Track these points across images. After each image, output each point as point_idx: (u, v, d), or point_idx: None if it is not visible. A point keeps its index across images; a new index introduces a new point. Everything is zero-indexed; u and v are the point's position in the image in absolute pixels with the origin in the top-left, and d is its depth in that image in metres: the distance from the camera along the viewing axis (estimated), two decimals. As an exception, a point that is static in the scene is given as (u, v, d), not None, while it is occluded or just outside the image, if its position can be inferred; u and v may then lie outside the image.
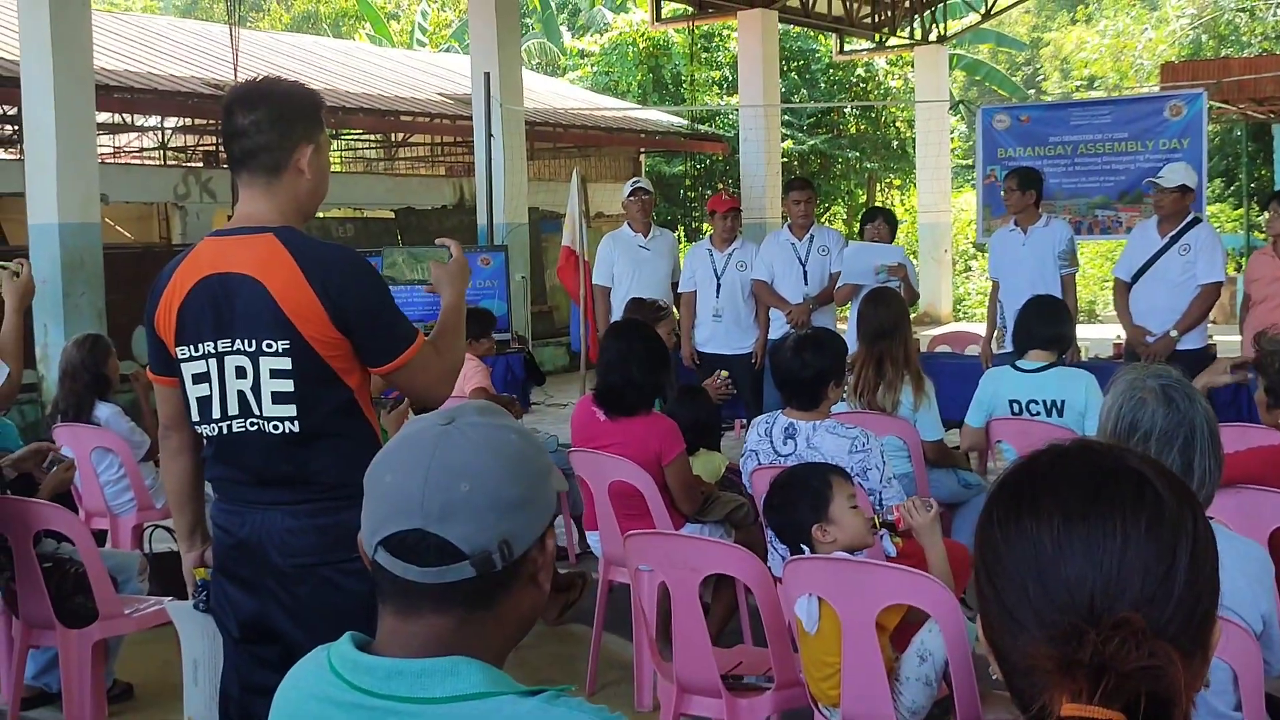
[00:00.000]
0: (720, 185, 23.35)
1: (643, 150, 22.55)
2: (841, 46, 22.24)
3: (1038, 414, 5.67)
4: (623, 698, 5.00)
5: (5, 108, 14.35)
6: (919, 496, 3.95)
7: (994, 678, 1.31)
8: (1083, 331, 8.43)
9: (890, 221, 8.82)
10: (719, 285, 8.57)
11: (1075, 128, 11.79)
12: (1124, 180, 11.52)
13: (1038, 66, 37.13)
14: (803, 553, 3.64)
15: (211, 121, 16.53)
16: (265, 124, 2.94)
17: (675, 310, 8.78)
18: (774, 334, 8.42)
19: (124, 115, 16.23)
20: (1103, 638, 1.13)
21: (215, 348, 2.93)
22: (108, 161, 16.43)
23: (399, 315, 2.99)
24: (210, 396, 2.96)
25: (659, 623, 4.55)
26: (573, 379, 13.30)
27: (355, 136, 19.80)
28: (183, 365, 3.00)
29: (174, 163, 18.40)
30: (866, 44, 22.34)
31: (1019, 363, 5.79)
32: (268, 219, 2.95)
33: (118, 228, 16.55)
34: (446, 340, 3.14)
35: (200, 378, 2.97)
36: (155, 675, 5.39)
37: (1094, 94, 28.12)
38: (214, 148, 18.66)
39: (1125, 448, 1.31)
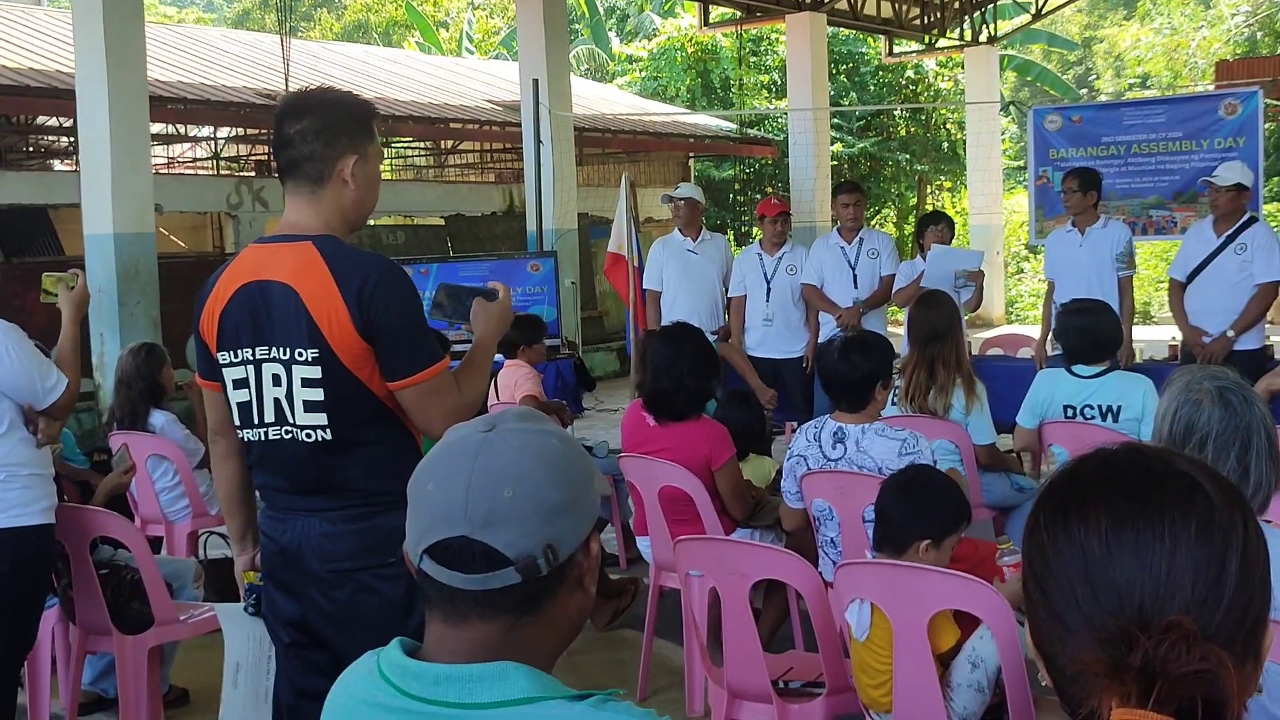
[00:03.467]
0: (769, 189, 23.30)
1: (692, 155, 22.55)
2: (891, 48, 22.14)
3: (1092, 418, 5.60)
4: (674, 703, 5.00)
5: (61, 119, 14.54)
6: None
7: (1043, 684, 1.30)
8: (1137, 333, 8.34)
9: (950, 225, 8.77)
10: (769, 289, 8.54)
11: (1128, 127, 11.68)
12: (1178, 180, 11.40)
13: (1090, 66, 36.82)
14: (880, 551, 3.62)
15: (263, 131, 16.67)
16: (310, 134, 2.95)
17: (725, 315, 8.78)
18: (823, 338, 8.38)
19: (177, 126, 16.42)
20: (1153, 642, 1.12)
21: (253, 354, 2.96)
22: (161, 172, 16.62)
23: (426, 334, 2.97)
24: (250, 403, 2.99)
25: (709, 628, 4.54)
26: (623, 384, 13.31)
27: (405, 144, 19.92)
28: (224, 371, 3.03)
29: (227, 172, 18.59)
30: (916, 46, 22.23)
31: (1075, 367, 5.71)
32: (310, 227, 2.97)
33: (172, 237, 16.72)
34: (469, 377, 3.09)
35: (240, 383, 3.00)
36: (210, 681, 5.41)
37: (1147, 93, 27.84)
38: (266, 157, 18.82)
39: (1174, 451, 1.30)
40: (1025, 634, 3.25)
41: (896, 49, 22.29)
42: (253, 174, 18.21)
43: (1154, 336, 11.34)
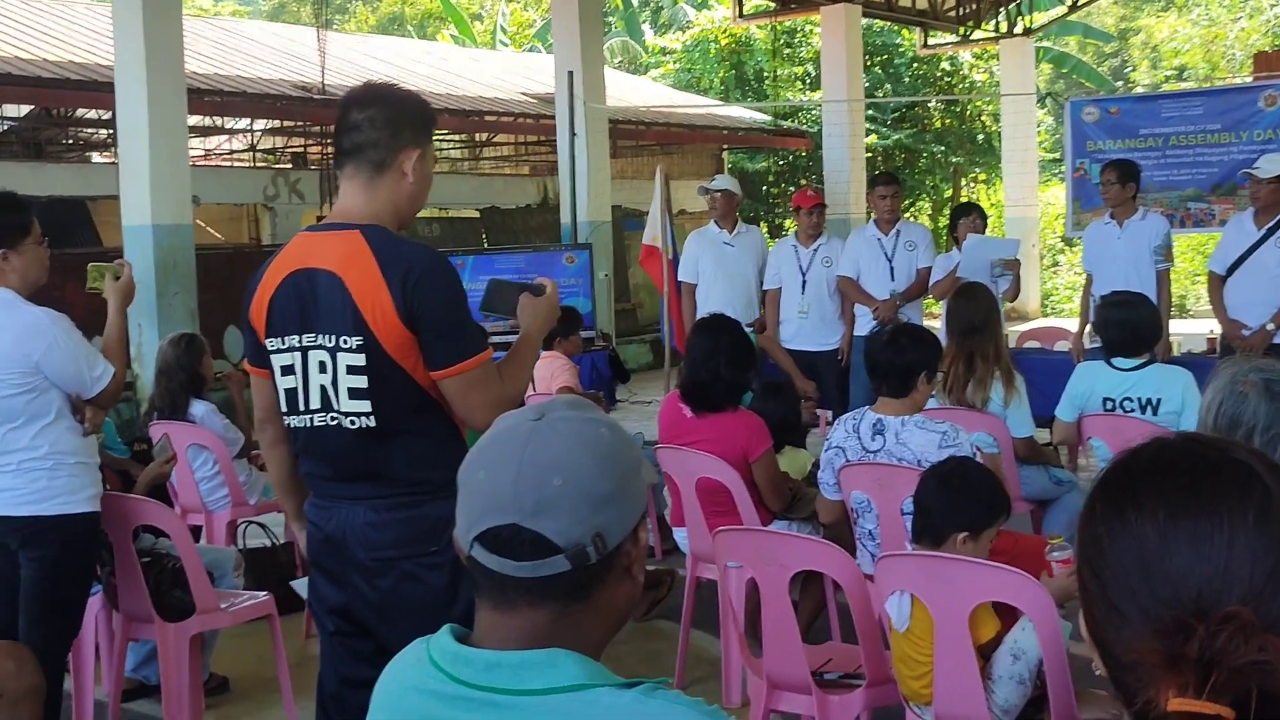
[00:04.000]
0: (803, 181, 23.24)
1: (725, 147, 22.51)
2: (926, 40, 22.03)
3: (1132, 411, 5.57)
4: (710, 694, 5.00)
5: (100, 112, 14.64)
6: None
7: (1096, 673, 1.30)
8: (1174, 326, 8.29)
9: (983, 217, 8.72)
10: (804, 282, 8.53)
11: (1166, 119, 11.60)
12: (1216, 172, 11.31)
13: (1126, 58, 36.53)
14: (918, 542, 3.62)
15: (300, 124, 16.77)
16: (379, 122, 3.00)
17: (761, 307, 8.77)
18: (859, 330, 8.36)
19: (214, 118, 16.50)
20: (1210, 632, 1.11)
21: (300, 341, 2.98)
22: (198, 164, 16.71)
23: (470, 325, 2.99)
24: (296, 389, 3.02)
25: (746, 619, 4.55)
26: (657, 376, 13.30)
27: (440, 137, 19.96)
28: (272, 357, 3.06)
29: (263, 164, 18.67)
30: (951, 37, 22.11)
31: (1115, 360, 5.68)
32: (360, 216, 2.99)
33: (209, 229, 16.82)
34: (513, 369, 3.11)
35: (287, 370, 3.03)
36: (250, 669, 5.48)
37: (1184, 85, 27.62)
38: (302, 150, 18.92)
39: (1231, 440, 1.29)
40: (1067, 626, 3.25)
41: (931, 41, 22.18)
42: (289, 166, 18.30)
43: (1190, 330, 11.27)
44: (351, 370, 2.92)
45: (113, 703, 4.79)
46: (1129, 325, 5.65)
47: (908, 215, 22.49)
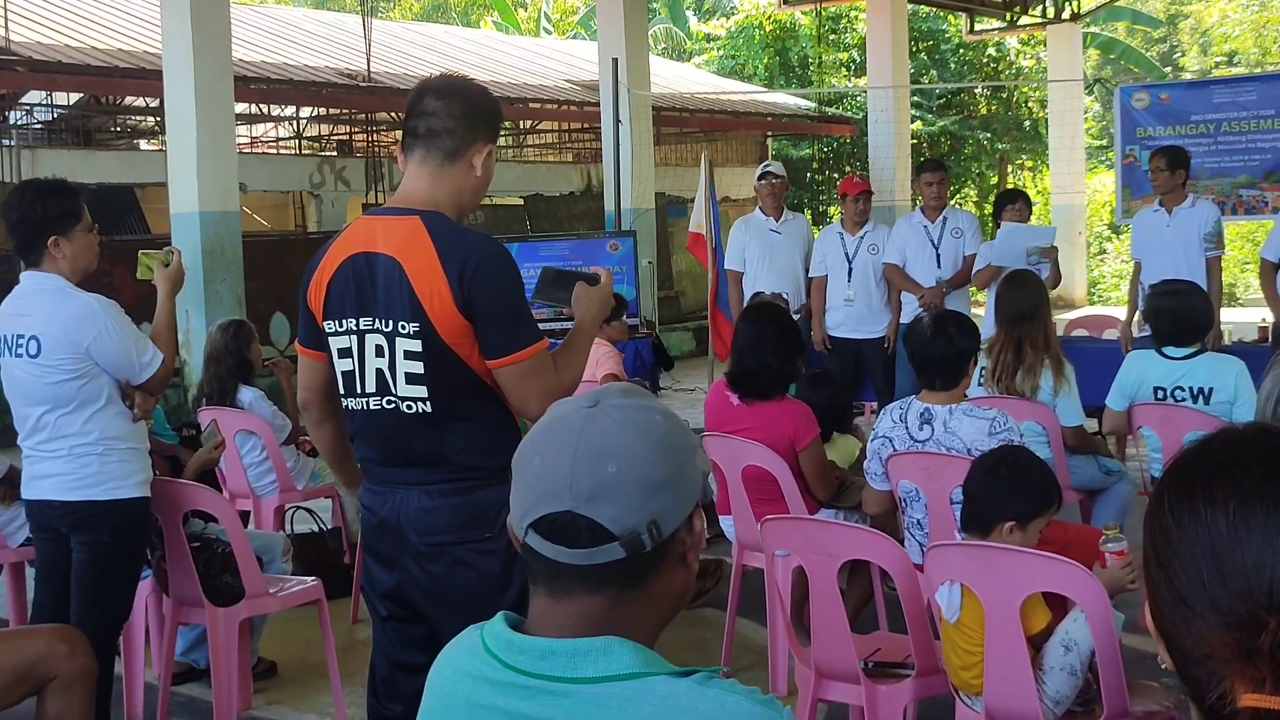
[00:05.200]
0: (849, 168, 23.15)
1: (770, 134, 22.47)
2: (972, 26, 21.86)
3: (1183, 400, 5.50)
4: (757, 682, 4.97)
5: (148, 100, 14.75)
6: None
7: (1162, 667, 1.27)
8: (1225, 315, 8.19)
9: (1028, 204, 8.64)
10: (850, 269, 8.49)
11: (1218, 105, 11.47)
12: (1270, 159, 11.17)
13: (1175, 43, 36.14)
14: (966, 531, 3.60)
15: (345, 111, 16.84)
16: (457, 112, 3.02)
17: (807, 294, 8.73)
18: (905, 318, 8.31)
19: (260, 105, 16.60)
20: (1282, 626, 1.09)
21: (358, 325, 2.99)
22: (245, 151, 16.81)
23: (526, 314, 2.99)
24: (353, 372, 3.03)
25: (793, 608, 4.54)
26: (700, 363, 13.30)
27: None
28: (330, 339, 3.07)
29: (309, 152, 18.77)
30: (997, 23, 21.94)
31: (1166, 349, 5.61)
32: (422, 202, 3.00)
33: (255, 216, 16.93)
34: (568, 359, 3.11)
35: (344, 353, 3.04)
36: (298, 654, 5.52)
37: (1234, 70, 27.29)
38: (347, 137, 19.00)
39: (1304, 430, 1.27)
40: (1120, 617, 3.22)
41: (978, 26, 22.00)
42: (335, 154, 18.38)
43: (1240, 319, 11.14)
44: (409, 355, 2.93)
45: (163, 686, 4.82)
46: (1180, 314, 5.59)
47: (954, 202, 22.34)
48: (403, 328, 2.91)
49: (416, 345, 2.91)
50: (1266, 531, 1.15)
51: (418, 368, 2.92)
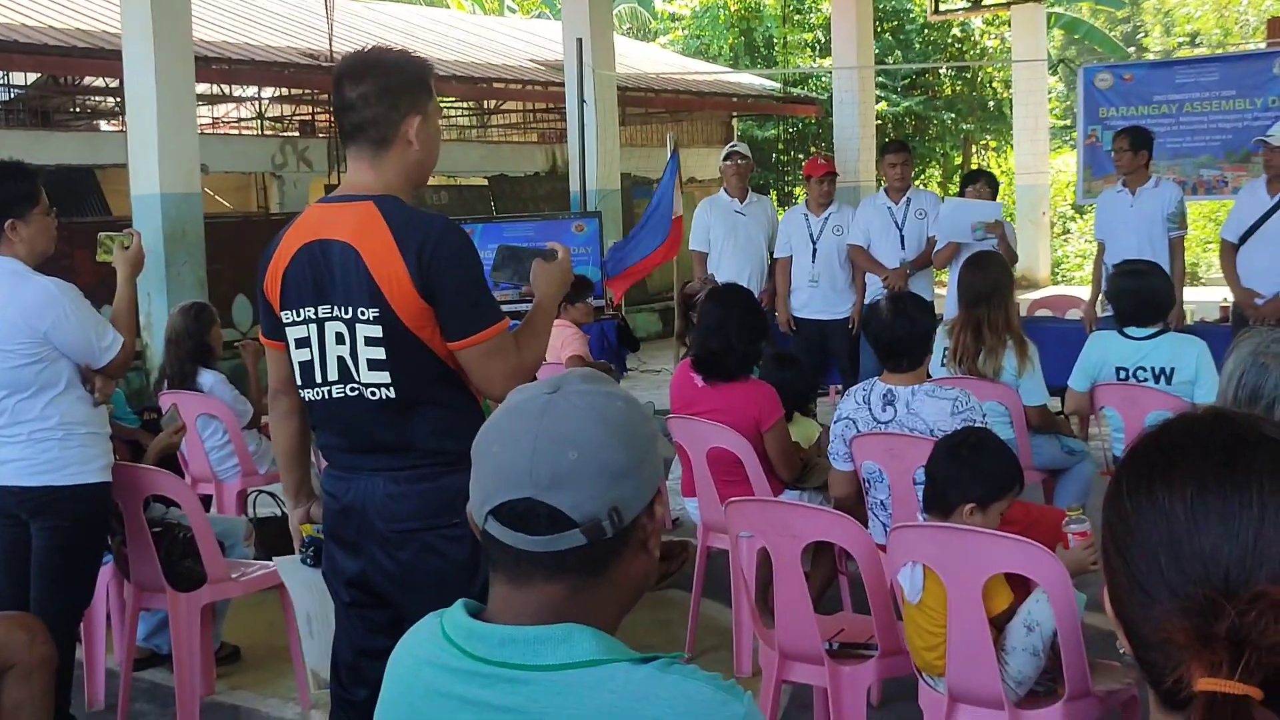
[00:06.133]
0: (813, 149, 23.15)
1: (735, 114, 22.43)
2: (936, 6, 21.81)
3: (1145, 380, 5.54)
4: (721, 664, 5.00)
5: (108, 80, 14.59)
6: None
7: (1120, 651, 1.28)
8: (1186, 294, 8.25)
9: (991, 184, 8.65)
10: (815, 250, 8.51)
11: (1180, 86, 11.52)
12: (1231, 139, 11.23)
13: (1138, 24, 36.29)
14: (928, 512, 3.61)
15: (308, 91, 16.72)
16: (373, 97, 2.94)
17: (771, 275, 8.74)
18: (869, 299, 8.32)
19: (222, 86, 16.45)
20: (1239, 611, 1.09)
21: (316, 313, 2.96)
22: (206, 132, 16.67)
23: (486, 295, 2.96)
24: (312, 361, 3.00)
25: (757, 589, 4.54)
26: (667, 345, 13.31)
27: (448, 104, 19.89)
28: (287, 329, 3.04)
29: (271, 133, 18.62)
30: (962, 3, 21.97)
31: (1127, 330, 5.65)
32: (371, 188, 2.97)
33: (217, 197, 16.79)
34: (529, 338, 3.08)
35: (302, 342, 3.01)
36: (262, 638, 5.49)
37: (1197, 51, 27.42)
38: (310, 118, 18.86)
39: (1262, 416, 1.27)
40: (1082, 598, 3.24)
41: (942, 6, 21.96)
42: (297, 134, 18.24)
43: (1202, 298, 11.23)
44: (370, 342, 2.90)
45: (124, 672, 4.80)
46: (1141, 295, 5.62)
47: (918, 183, 22.40)
48: (362, 314, 2.89)
49: (377, 331, 2.89)
50: (1224, 517, 1.15)
51: (379, 354, 2.90)
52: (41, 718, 3.63)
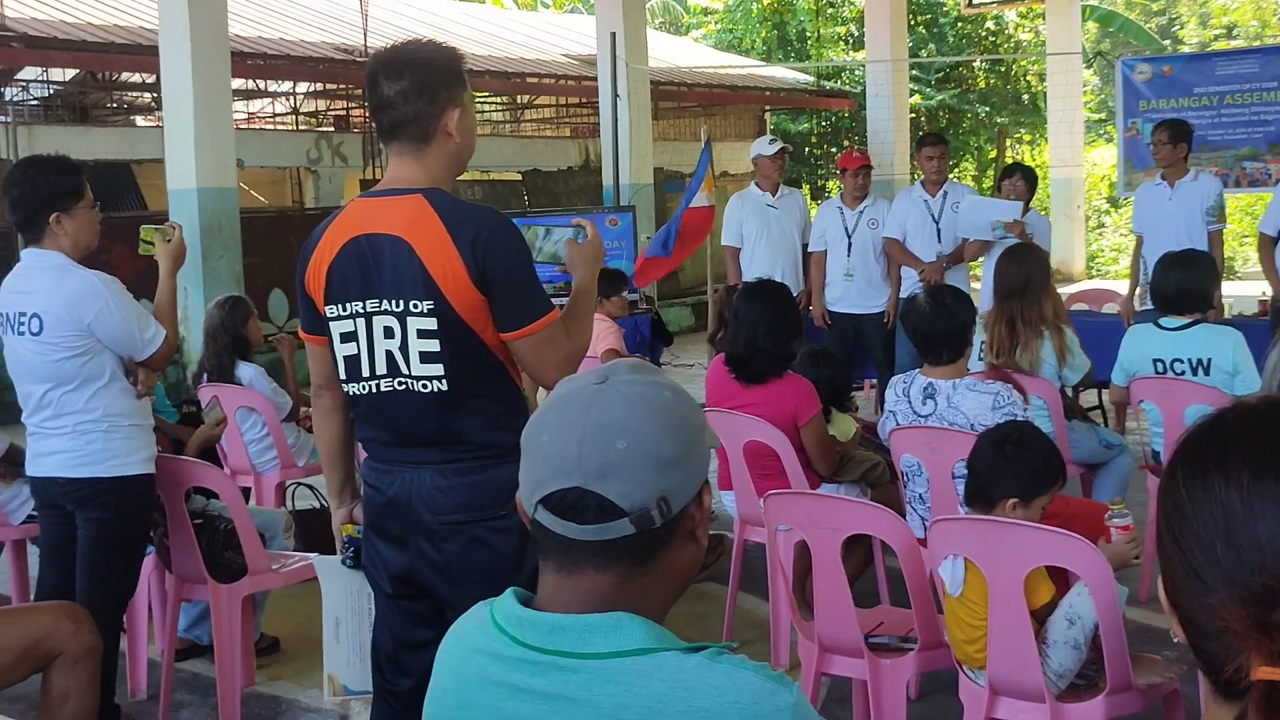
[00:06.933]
0: (847, 142, 23.11)
1: (768, 108, 22.40)
2: (970, -1, 21.80)
3: (1182, 373, 5.51)
4: (758, 656, 4.93)
5: (145, 75, 14.70)
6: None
7: (1175, 640, 1.27)
8: (1224, 288, 8.19)
9: (1029, 178, 8.56)
10: (850, 244, 8.47)
11: (1220, 78, 11.44)
12: (1273, 131, 11.15)
13: (1173, 16, 36.03)
14: (970, 506, 3.60)
15: (342, 86, 16.79)
16: (411, 93, 2.94)
17: (804, 269, 8.72)
18: (905, 293, 8.30)
19: (257, 81, 16.54)
20: (1298, 598, 1.09)
21: (363, 307, 2.96)
22: (241, 127, 16.76)
23: (538, 285, 2.97)
24: (358, 355, 2.99)
25: (794, 582, 4.54)
26: (699, 339, 13.31)
27: (482, 99, 19.95)
28: (330, 324, 3.03)
29: (306, 127, 18.72)
30: (996, -4, 21.88)
31: (1161, 321, 5.63)
32: (417, 181, 2.97)
33: (252, 192, 16.89)
34: (576, 322, 3.09)
35: (347, 336, 3.00)
36: (300, 630, 5.52)
37: (1234, 43, 27.20)
38: (345, 112, 18.95)
39: (1318, 403, 1.26)
40: (1123, 590, 3.23)
41: (976, 0, 21.93)
42: (331, 129, 18.33)
43: (1241, 292, 11.14)
44: (423, 334, 2.90)
45: (166, 662, 4.83)
46: (1183, 284, 5.59)
47: (952, 176, 22.32)
48: (415, 306, 2.89)
49: (431, 324, 2.89)
50: (1281, 504, 1.15)
51: (433, 346, 2.90)
52: (87, 706, 3.67)
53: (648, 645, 1.50)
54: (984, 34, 25.76)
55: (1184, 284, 5.58)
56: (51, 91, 16.06)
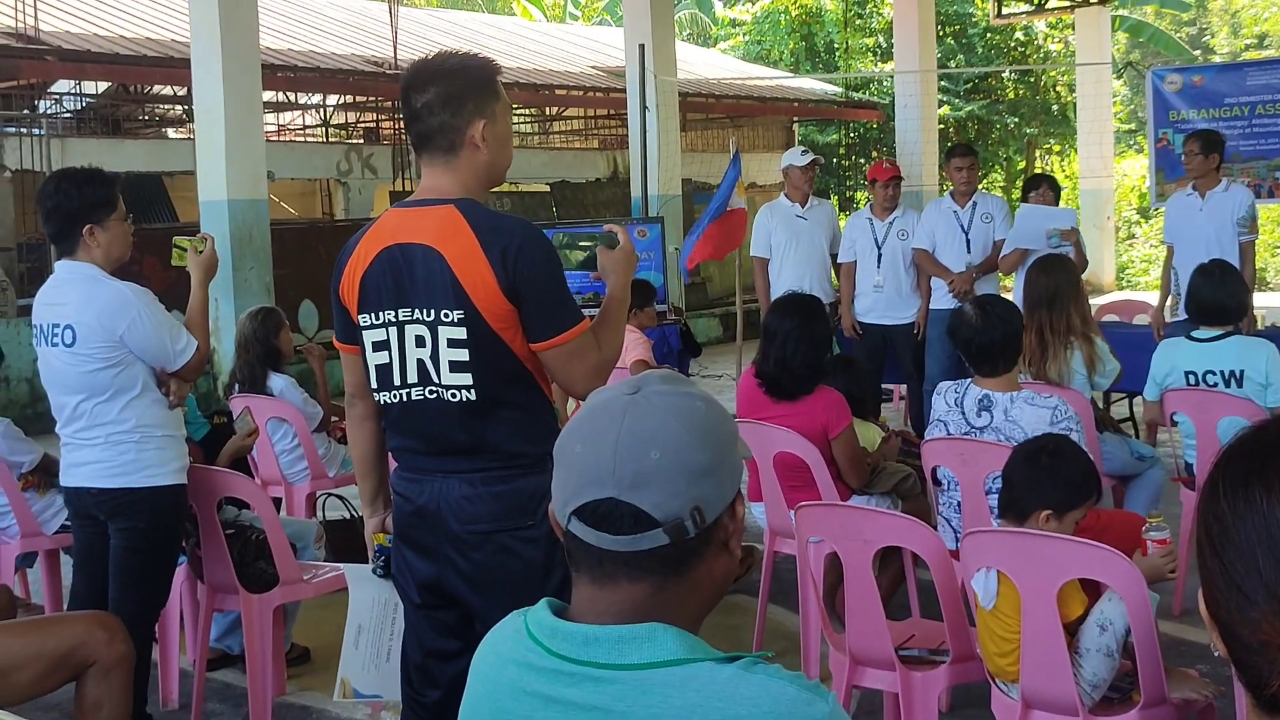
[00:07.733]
0: (875, 153, 23.09)
1: (796, 119, 22.39)
2: (999, 9, 21.67)
3: (1215, 385, 5.47)
4: (789, 668, 4.96)
5: (176, 88, 14.80)
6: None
7: (1215, 654, 1.26)
8: (1256, 299, 8.13)
9: (1054, 188, 8.55)
10: (880, 255, 8.44)
11: (1251, 88, 11.38)
12: (1306, 141, 11.09)
13: (1204, 26, 35.85)
14: (1003, 518, 3.58)
15: (373, 99, 16.86)
16: (437, 105, 2.96)
17: (835, 280, 8.71)
18: (934, 304, 8.28)
19: (287, 93, 16.63)
20: (1340, 612, 1.08)
21: (396, 316, 2.97)
22: (272, 139, 16.85)
23: (568, 296, 2.98)
24: (390, 364, 3.01)
25: (825, 594, 4.52)
26: (728, 350, 13.28)
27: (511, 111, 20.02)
28: (364, 333, 3.04)
29: (336, 139, 18.81)
30: (1025, 6, 21.76)
31: (1194, 333, 5.59)
32: (449, 192, 2.98)
33: (283, 204, 16.97)
34: (607, 332, 3.09)
35: (380, 345, 3.01)
36: (331, 640, 5.50)
37: (1265, 53, 27.05)
38: (374, 124, 19.03)
39: (1360, 416, 1.25)
40: (1155, 598, 3.20)
41: (1005, 10, 21.81)
42: (361, 141, 18.42)
43: (1274, 303, 11.07)
44: (453, 344, 2.91)
45: (198, 672, 4.85)
46: (1217, 296, 5.56)
47: (981, 187, 22.26)
48: (445, 315, 2.90)
49: (461, 333, 2.90)
50: (1324, 517, 1.14)
51: (463, 355, 2.91)
52: (120, 715, 3.68)
53: (682, 656, 1.50)
54: (1013, 44, 25.70)
55: (1218, 295, 5.54)
56: (84, 104, 16.18)
